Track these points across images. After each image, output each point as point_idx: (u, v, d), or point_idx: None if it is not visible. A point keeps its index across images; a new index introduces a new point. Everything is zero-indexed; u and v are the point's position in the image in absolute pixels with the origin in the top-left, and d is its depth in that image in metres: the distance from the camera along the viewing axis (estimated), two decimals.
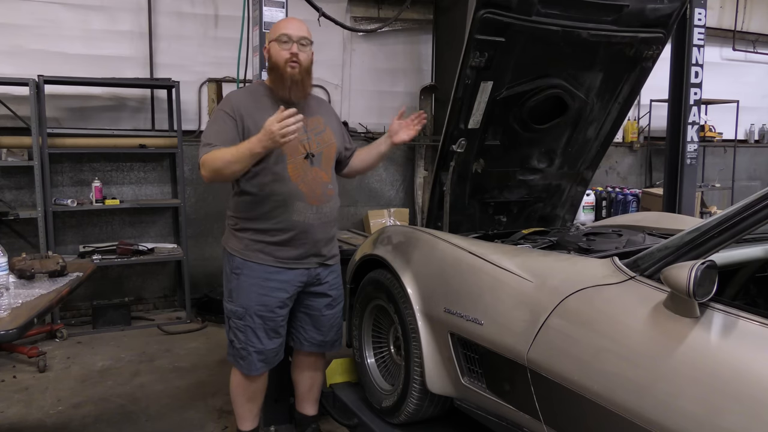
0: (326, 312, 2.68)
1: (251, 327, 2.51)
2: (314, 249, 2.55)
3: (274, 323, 2.53)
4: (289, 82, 2.42)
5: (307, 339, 2.70)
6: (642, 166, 7.58)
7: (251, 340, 2.52)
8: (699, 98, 4.11)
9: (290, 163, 2.44)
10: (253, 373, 2.57)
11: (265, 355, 2.56)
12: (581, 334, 1.94)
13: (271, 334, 2.54)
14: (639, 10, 2.96)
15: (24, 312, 2.05)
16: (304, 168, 2.46)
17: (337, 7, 5.47)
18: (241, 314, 2.52)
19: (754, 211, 1.64)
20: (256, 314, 2.50)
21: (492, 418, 2.38)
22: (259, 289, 2.49)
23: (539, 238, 3.05)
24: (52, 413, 3.29)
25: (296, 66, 2.41)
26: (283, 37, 2.41)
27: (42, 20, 4.68)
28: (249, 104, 2.46)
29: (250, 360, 2.55)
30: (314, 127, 2.54)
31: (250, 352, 2.53)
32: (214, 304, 4.85)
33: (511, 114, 3.13)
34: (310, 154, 2.48)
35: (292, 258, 2.51)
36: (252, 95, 2.54)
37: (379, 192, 6.06)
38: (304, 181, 2.45)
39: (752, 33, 7.81)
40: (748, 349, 1.54)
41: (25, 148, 4.46)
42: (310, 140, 2.50)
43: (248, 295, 2.50)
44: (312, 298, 2.64)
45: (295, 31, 2.43)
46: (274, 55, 2.44)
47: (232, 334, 2.56)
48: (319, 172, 2.51)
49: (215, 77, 5.14)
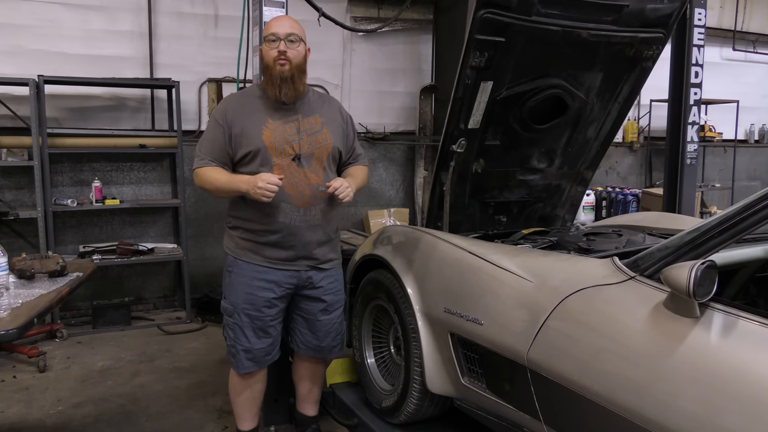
0: (321, 317, 2.64)
1: (239, 325, 2.53)
2: (304, 251, 2.52)
3: (262, 323, 2.53)
4: (279, 81, 2.39)
5: (304, 342, 2.69)
6: (642, 166, 7.58)
7: (239, 338, 2.54)
8: (699, 98, 4.11)
9: (276, 165, 2.42)
10: (242, 371, 2.59)
11: (253, 354, 2.56)
12: (581, 334, 1.94)
13: (259, 333, 2.54)
14: (639, 10, 2.96)
15: (24, 312, 2.05)
16: (290, 170, 2.44)
17: (337, 7, 5.46)
18: (231, 311, 2.55)
19: (754, 211, 1.64)
20: (243, 312, 2.51)
21: (492, 418, 2.38)
22: (246, 287, 2.50)
23: (539, 238, 3.04)
24: (52, 413, 3.29)
25: (285, 63, 2.38)
26: (271, 36, 2.40)
27: (42, 20, 4.67)
28: (240, 109, 2.47)
29: (238, 358, 2.57)
30: (309, 127, 2.50)
31: (238, 350, 2.55)
32: (214, 304, 4.84)
33: (511, 114, 3.13)
34: (297, 155, 2.44)
35: (281, 259, 2.50)
36: (245, 98, 2.54)
37: (379, 192, 6.06)
38: (290, 183, 2.43)
39: (752, 33, 7.80)
40: (748, 349, 1.54)
41: (25, 148, 4.46)
42: (301, 141, 2.46)
43: (237, 293, 2.52)
44: (306, 301, 2.62)
45: (281, 28, 2.40)
46: (264, 55, 2.43)
47: (225, 332, 2.60)
48: (308, 174, 2.46)
49: (215, 77, 5.14)
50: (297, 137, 2.46)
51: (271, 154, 2.41)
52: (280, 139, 2.43)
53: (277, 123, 2.45)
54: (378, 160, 5.99)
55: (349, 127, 2.67)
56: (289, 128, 2.46)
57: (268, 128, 2.43)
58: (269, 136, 2.42)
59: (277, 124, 2.44)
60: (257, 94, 2.52)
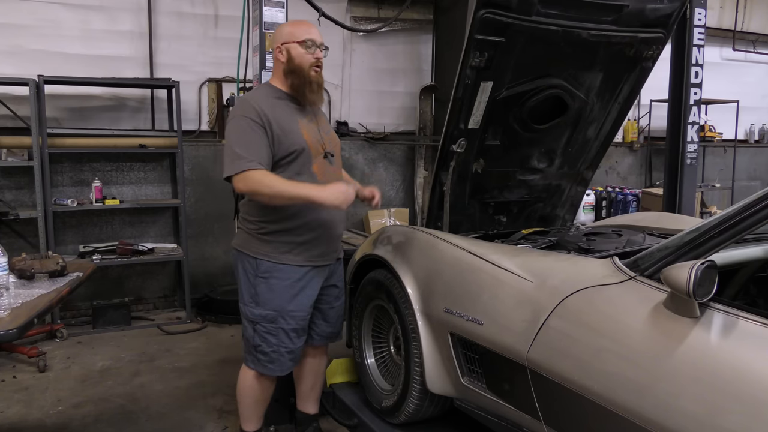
0: (335, 303, 2.75)
1: (284, 329, 2.52)
2: (333, 245, 2.62)
3: (305, 321, 2.59)
4: (316, 86, 2.48)
5: (318, 333, 2.73)
6: (642, 166, 7.58)
7: (284, 341, 2.53)
8: (699, 98, 4.12)
9: (315, 162, 2.49)
10: (285, 372, 2.62)
11: (295, 354, 2.60)
12: (581, 334, 1.94)
13: (300, 332, 2.58)
14: (639, 10, 2.96)
15: (24, 312, 2.05)
16: (325, 166, 2.53)
17: (337, 7, 5.47)
18: (273, 317, 2.51)
19: (754, 211, 1.64)
20: (289, 316, 2.51)
21: (492, 418, 2.38)
22: (292, 290, 2.51)
23: (539, 238, 3.05)
24: (52, 413, 3.29)
25: (319, 70, 2.49)
26: (309, 42, 2.46)
27: (42, 20, 4.67)
28: (273, 110, 2.44)
29: (281, 361, 2.56)
30: (323, 127, 2.60)
31: (283, 353, 2.55)
32: (214, 304, 4.85)
33: (511, 114, 3.13)
34: (329, 153, 2.55)
35: (318, 255, 2.56)
36: (270, 99, 2.48)
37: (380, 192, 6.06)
38: (328, 180, 2.49)
39: (752, 33, 7.80)
40: (748, 349, 1.54)
41: (25, 148, 4.46)
42: (323, 140, 2.55)
43: (282, 297, 2.50)
44: (325, 290, 2.68)
45: (317, 35, 2.50)
46: (297, 57, 2.44)
47: (259, 339, 2.53)
48: (336, 170, 2.60)
49: (215, 77, 5.14)
50: (320, 136, 2.54)
51: (312, 152, 2.47)
52: (314, 138, 2.50)
53: (305, 122, 2.51)
54: (378, 160, 5.99)
55: None
56: (313, 127, 2.54)
57: (303, 128, 2.48)
58: (307, 134, 2.47)
59: (305, 123, 2.51)
60: (276, 95, 2.50)
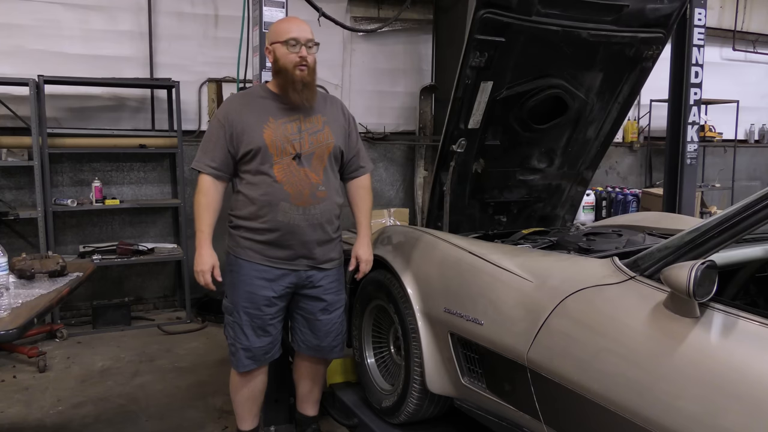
0: (321, 317, 2.65)
1: (239, 323, 2.54)
2: (303, 251, 2.52)
3: (262, 321, 2.54)
4: (300, 86, 2.43)
5: (305, 342, 2.69)
6: (642, 166, 7.58)
7: (239, 336, 2.55)
8: (699, 98, 4.12)
9: (276, 164, 2.44)
10: (241, 369, 2.60)
11: (253, 353, 2.57)
12: (581, 334, 1.94)
13: (258, 332, 2.55)
14: (639, 10, 2.96)
15: (24, 312, 2.05)
16: (291, 169, 2.46)
17: (337, 7, 5.46)
18: (231, 310, 2.57)
19: (754, 211, 1.64)
20: (243, 311, 2.53)
21: (492, 418, 2.38)
22: (246, 286, 2.51)
23: (539, 238, 3.05)
24: (52, 413, 3.29)
25: (305, 69, 2.43)
26: (292, 41, 2.42)
27: (42, 20, 4.67)
28: (242, 109, 2.49)
29: (238, 356, 2.58)
30: (310, 126, 2.51)
31: (238, 348, 2.57)
32: (214, 304, 4.84)
33: (511, 114, 3.13)
34: (298, 154, 2.46)
35: (280, 258, 2.51)
36: (247, 98, 2.56)
37: (379, 192, 6.06)
38: (290, 182, 2.45)
39: (752, 33, 7.80)
40: (748, 349, 1.54)
41: (25, 148, 4.46)
42: (302, 140, 2.48)
43: (237, 291, 2.53)
44: (306, 301, 2.63)
45: (301, 33, 2.44)
46: (281, 57, 2.43)
47: (226, 330, 2.62)
48: (308, 173, 2.48)
49: (215, 77, 5.13)
50: (298, 136, 2.47)
51: (271, 152, 2.43)
52: (281, 138, 2.44)
53: (279, 122, 2.47)
54: (378, 160, 5.99)
55: (351, 126, 2.69)
56: (291, 127, 2.48)
57: (269, 127, 2.45)
58: (270, 134, 2.44)
59: (279, 123, 2.47)
60: (260, 95, 2.54)
